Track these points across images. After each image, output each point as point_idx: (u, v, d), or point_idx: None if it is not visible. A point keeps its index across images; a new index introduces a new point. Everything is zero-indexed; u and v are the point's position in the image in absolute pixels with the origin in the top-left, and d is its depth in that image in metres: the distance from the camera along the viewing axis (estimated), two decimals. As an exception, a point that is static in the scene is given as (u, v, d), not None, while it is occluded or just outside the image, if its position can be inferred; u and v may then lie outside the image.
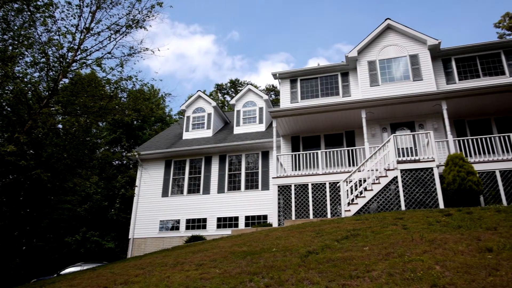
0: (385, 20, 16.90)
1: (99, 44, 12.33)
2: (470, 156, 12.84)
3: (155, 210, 18.18)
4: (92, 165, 13.57)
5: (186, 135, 20.40)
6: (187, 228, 17.49)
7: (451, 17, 75.83)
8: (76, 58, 11.90)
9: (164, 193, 18.47)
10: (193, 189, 18.29)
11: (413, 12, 77.56)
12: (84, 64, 12.02)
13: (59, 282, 8.45)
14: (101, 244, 24.34)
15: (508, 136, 12.69)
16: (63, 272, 16.83)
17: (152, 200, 18.42)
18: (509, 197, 11.61)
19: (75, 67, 12.07)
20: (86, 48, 12.23)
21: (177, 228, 17.66)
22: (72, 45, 11.66)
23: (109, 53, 12.41)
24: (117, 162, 31.49)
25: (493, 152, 13.19)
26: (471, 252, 5.74)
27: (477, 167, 11.91)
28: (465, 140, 13.23)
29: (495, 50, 16.04)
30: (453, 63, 16.35)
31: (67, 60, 11.59)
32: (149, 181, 18.68)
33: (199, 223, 17.45)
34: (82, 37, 11.93)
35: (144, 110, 14.38)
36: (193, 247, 10.08)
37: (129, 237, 18.06)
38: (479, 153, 13.07)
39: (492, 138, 13.14)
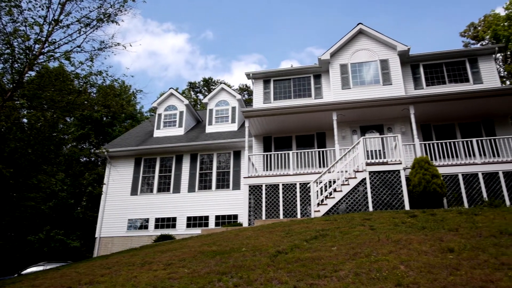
0: (358, 24, 17.24)
1: (68, 37, 11.94)
2: (435, 159, 13.29)
3: (123, 208, 17.82)
4: (58, 161, 13.14)
5: (157, 133, 20.11)
6: (156, 227, 17.24)
7: (421, 24, 78.21)
8: (43, 50, 11.48)
9: (133, 192, 18.14)
10: (163, 187, 18.05)
11: (384, 18, 79.49)
12: (52, 57, 11.61)
13: (20, 282, 8.13)
14: (66, 243, 23.63)
15: (471, 141, 13.21)
16: (24, 272, 16.25)
17: (121, 198, 18.05)
18: (470, 200, 12.09)
19: (42, 60, 11.64)
20: (54, 40, 11.82)
21: (146, 227, 17.38)
22: (39, 37, 11.24)
23: (79, 46, 12.03)
24: (84, 159, 30.61)
25: (457, 156, 13.71)
26: (434, 252, 5.94)
27: (441, 170, 12.34)
28: (431, 144, 13.68)
29: (460, 58, 16.67)
30: (421, 69, 16.87)
31: (34, 52, 11.17)
32: (118, 179, 18.29)
33: (169, 222, 17.24)
34: (50, 29, 11.52)
35: (114, 106, 14.04)
36: (162, 246, 9.95)
37: (96, 236, 17.62)
38: (444, 157, 13.54)
39: (456, 143, 13.66)
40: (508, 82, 29.07)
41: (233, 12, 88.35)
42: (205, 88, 47.38)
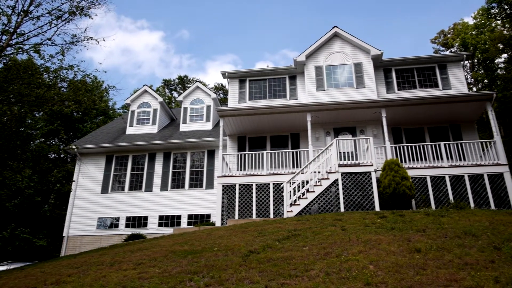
0: (333, 27, 17.48)
1: (38, 29, 11.57)
2: (405, 162, 13.64)
3: (93, 206, 17.39)
4: (25, 157, 12.72)
5: (130, 130, 19.74)
6: (127, 226, 16.93)
7: (393, 30, 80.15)
8: (11, 42, 11.09)
9: (104, 190, 17.74)
10: (135, 186, 17.75)
11: (358, 23, 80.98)
12: (20, 49, 11.22)
13: (-18, 282, 7.82)
14: (31, 242, 22.86)
15: (439, 145, 13.64)
16: (-14, 271, 15.60)
17: (91, 196, 17.62)
18: (438, 202, 12.49)
19: (10, 52, 11.24)
20: (23, 32, 11.43)
21: (116, 226, 17.04)
22: (7, 27, 10.84)
23: (49, 39, 11.68)
24: (53, 155, 29.71)
25: (425, 159, 14.13)
26: (402, 252, 6.10)
27: (410, 173, 12.68)
28: (401, 147, 14.04)
29: (430, 64, 17.18)
30: (393, 74, 17.28)
31: (1, 43, 10.76)
32: (88, 177, 17.84)
33: (140, 221, 16.96)
34: (19, 20, 11.14)
35: (86, 102, 13.69)
36: (132, 245, 9.78)
37: (64, 235, 17.13)
38: (413, 160, 13.92)
39: (425, 146, 14.08)
40: (474, 89, 30.19)
41: (209, 12, 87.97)
42: (180, 86, 46.92)
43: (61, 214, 24.11)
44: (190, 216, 16.71)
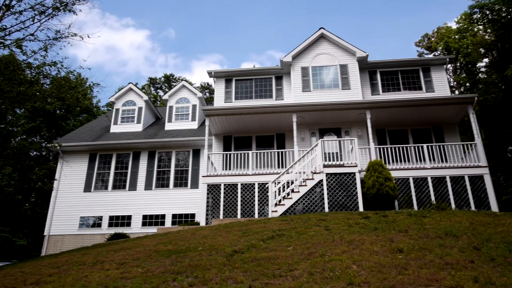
0: (319, 29, 17.59)
1: (20, 24, 11.34)
2: (389, 163, 13.81)
3: (75, 205, 17.12)
4: (6, 154, 12.45)
5: (114, 128, 19.51)
6: (110, 225, 16.72)
7: (379, 32, 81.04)
8: (-8, 37, 10.84)
9: (87, 188, 17.49)
10: (119, 184, 17.54)
11: (344, 25, 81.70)
12: (2, 44, 10.97)
13: (-41, 282, 7.62)
14: (11, 241, 22.37)
15: (422, 147, 13.86)
16: (-36, 271, 15.21)
17: (73, 195, 17.34)
18: (420, 202, 12.68)
19: (-9, 47, 10.98)
20: (4, 27, 11.19)
21: (99, 225, 16.81)
22: (-12, 22, 10.60)
23: (32, 35, 11.45)
24: (35, 153, 29.15)
25: (409, 161, 14.34)
26: (385, 252, 6.18)
27: (394, 174, 12.85)
28: (385, 148, 14.21)
29: (414, 67, 17.44)
30: (378, 76, 17.48)
31: (-18, 38, 10.52)
32: (70, 175, 17.56)
33: (124, 220, 16.78)
34: (0, 14, 10.89)
35: (69, 99, 13.48)
36: (115, 245, 9.67)
37: (45, 234, 16.82)
38: (397, 161, 14.11)
39: (408, 148, 14.29)
40: (457, 92, 30.76)
41: (196, 12, 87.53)
42: (166, 85, 46.56)
43: (42, 213, 23.67)
44: (174, 216, 16.60)
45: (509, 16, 20.28)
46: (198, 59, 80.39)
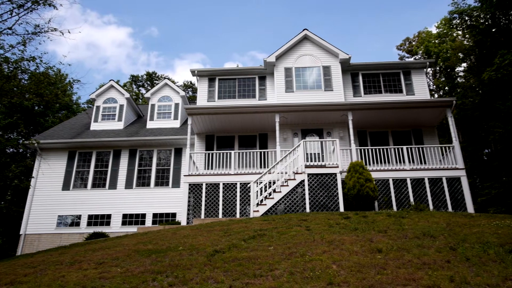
0: (303, 30, 17.69)
1: (-3, 17, 11.02)
2: (369, 164, 13.99)
3: (53, 204, 16.77)
4: (-20, 151, 12.07)
5: (94, 126, 19.18)
6: (89, 224, 16.44)
7: (361, 35, 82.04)
8: (-33, 29, 10.50)
9: (65, 186, 17.15)
10: (99, 183, 17.26)
11: (326, 28, 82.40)
12: (-23, 38, 10.66)
13: None
14: (-15, 240, 21.76)
15: (401, 149, 14.10)
16: None
17: (51, 193, 16.97)
18: (399, 203, 12.90)
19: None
20: (-20, 20, 10.85)
21: (78, 224, 16.51)
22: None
23: (10, 28, 11.12)
24: (11, 149, 28.42)
25: (389, 162, 14.56)
26: (364, 252, 6.26)
27: (374, 175, 13.03)
28: (366, 150, 14.40)
29: (396, 70, 17.73)
30: (360, 78, 17.70)
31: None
32: (48, 173, 17.19)
33: (103, 219, 16.51)
34: (-24, 7, 10.57)
35: (48, 96, 13.15)
36: (94, 244, 9.52)
37: (21, 233, 16.42)
38: (377, 162, 14.31)
39: (388, 149, 14.52)
40: (436, 95, 31.40)
41: (179, 10, 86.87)
42: (148, 83, 46.04)
43: (18, 211, 23.06)
44: (155, 215, 16.43)
45: (486, 23, 20.82)
46: (181, 58, 79.86)
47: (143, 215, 16.50)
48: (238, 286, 5.05)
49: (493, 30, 20.63)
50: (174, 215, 16.35)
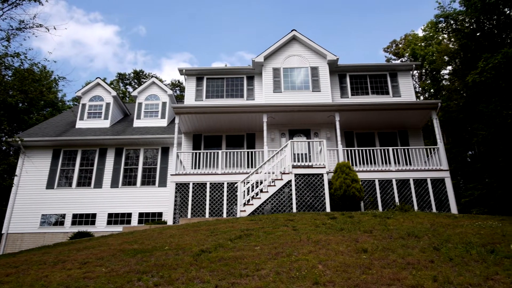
0: (292, 31, 17.75)
1: (-20, 12, 10.81)
2: (356, 165, 14.11)
3: (37, 203, 16.50)
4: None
5: (80, 124, 18.93)
6: (74, 223, 16.22)
7: (348, 36, 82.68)
8: (-51, 24, 10.27)
9: (50, 185, 16.88)
10: (84, 182, 17.04)
11: (314, 29, 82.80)
12: (-40, 33, 10.43)
13: None
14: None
15: (387, 150, 14.26)
16: None
17: (35, 191, 16.70)
18: (384, 204, 13.04)
19: None
20: (-37, 14, 10.64)
21: (62, 223, 16.28)
22: None
23: (-6, 23, 10.94)
24: (-6, 147, 27.88)
25: (375, 163, 14.71)
26: (350, 252, 6.31)
27: (361, 176, 13.14)
28: (353, 150, 14.51)
29: (382, 72, 17.92)
30: (348, 79, 17.83)
31: None
32: (32, 171, 16.90)
33: (88, 218, 16.31)
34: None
35: (33, 92, 12.96)
36: (78, 244, 9.40)
37: (3, 232, 16.12)
38: (364, 163, 14.44)
39: (375, 150, 14.66)
40: (422, 97, 31.81)
41: (167, 10, 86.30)
42: (136, 81, 45.62)
43: (1, 210, 22.64)
44: (141, 214, 16.30)
45: (471, 27, 21.17)
46: (168, 57, 79.33)
47: (129, 215, 16.35)
48: (224, 286, 5.05)
49: (478, 34, 20.98)
50: (160, 214, 16.24)
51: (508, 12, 18.68)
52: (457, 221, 9.09)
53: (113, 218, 16.31)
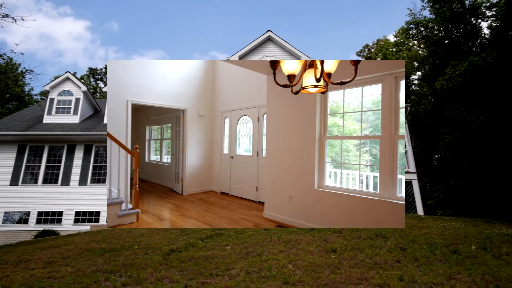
0: (267, 31, 17.82)
1: None
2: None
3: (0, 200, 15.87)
4: None
5: (47, 119, 18.32)
6: (39, 221, 15.68)
7: (322, 39, 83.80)
8: None
9: (14, 182, 16.26)
10: (51, 179, 16.50)
11: (290, 32, 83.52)
12: None
13: None
14: None
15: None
16: None
17: (-3, 188, 16.06)
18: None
19: None
20: None
21: (26, 222, 15.70)
22: None
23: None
24: (-46, 141, 26.58)
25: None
26: (320, 252, 6.40)
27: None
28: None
29: (355, 75, 18.21)
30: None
31: None
32: (-5, 167, 16.24)
33: (54, 216, 15.81)
34: None
35: (-3, 85, 12.45)
36: (43, 243, 9.12)
37: (-38, 230, 15.43)
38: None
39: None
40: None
41: (140, 7, 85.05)
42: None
43: (-40, 207, 21.64)
44: (110, 213, 15.93)
45: (440, 34, 21.89)
46: (141, 54, 78.14)
47: (97, 213, 15.96)
48: (194, 285, 5.01)
49: (446, 41, 21.73)
50: (130, 213, 15.93)
51: (474, 22, 19.44)
52: (423, 222, 9.38)
53: (81, 217, 15.88)
